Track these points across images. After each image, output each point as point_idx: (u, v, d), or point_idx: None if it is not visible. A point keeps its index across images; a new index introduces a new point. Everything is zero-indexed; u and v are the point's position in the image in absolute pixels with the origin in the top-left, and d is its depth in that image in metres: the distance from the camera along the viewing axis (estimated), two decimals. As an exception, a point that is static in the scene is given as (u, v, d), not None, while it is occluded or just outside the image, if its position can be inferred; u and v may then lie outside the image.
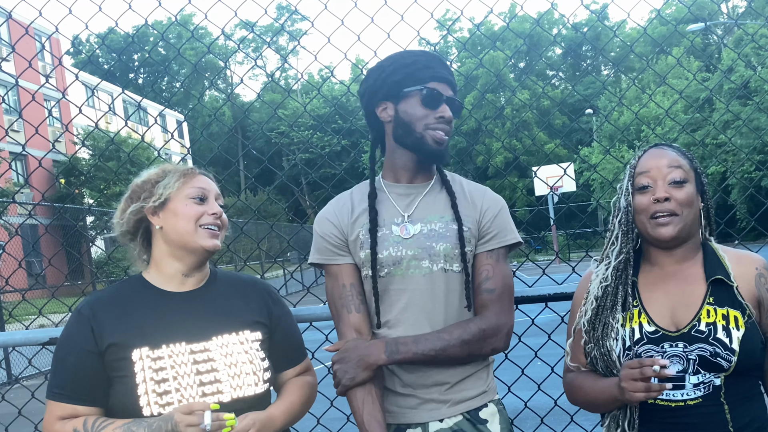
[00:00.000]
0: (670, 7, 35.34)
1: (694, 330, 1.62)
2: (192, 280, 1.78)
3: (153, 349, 1.65)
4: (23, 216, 5.03)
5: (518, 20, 40.66)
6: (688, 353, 1.61)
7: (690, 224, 1.69)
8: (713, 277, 1.67)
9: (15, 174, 19.94)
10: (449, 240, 1.80)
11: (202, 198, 1.75)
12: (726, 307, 1.63)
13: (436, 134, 1.81)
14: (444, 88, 1.84)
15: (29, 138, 2.97)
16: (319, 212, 1.95)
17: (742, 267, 1.70)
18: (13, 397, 3.29)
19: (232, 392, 1.67)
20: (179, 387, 1.62)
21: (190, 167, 1.81)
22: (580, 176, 29.85)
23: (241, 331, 1.75)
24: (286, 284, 4.42)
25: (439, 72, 1.84)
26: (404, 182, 1.88)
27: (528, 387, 2.87)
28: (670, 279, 1.71)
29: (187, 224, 1.71)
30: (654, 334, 1.65)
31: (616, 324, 1.68)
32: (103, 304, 1.72)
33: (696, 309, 1.64)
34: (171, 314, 1.71)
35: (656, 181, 1.69)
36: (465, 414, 1.81)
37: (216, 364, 1.67)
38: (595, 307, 1.73)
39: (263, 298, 1.86)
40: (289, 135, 43.39)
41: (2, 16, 18.28)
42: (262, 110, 48.38)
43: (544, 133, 39.51)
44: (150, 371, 1.63)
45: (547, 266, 3.03)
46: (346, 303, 1.84)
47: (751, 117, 22.83)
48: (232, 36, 48.12)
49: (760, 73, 21.98)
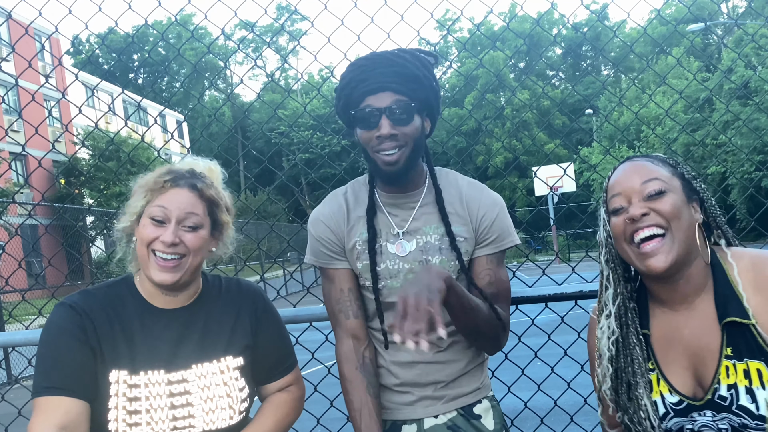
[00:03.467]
0: (670, 7, 35.35)
1: (716, 396, 1.38)
2: (178, 298, 1.66)
3: (131, 375, 1.56)
4: (23, 216, 5.03)
5: (518, 20, 40.66)
6: (718, 422, 1.39)
7: (685, 243, 1.39)
8: (725, 319, 1.38)
9: (15, 174, 19.94)
10: (445, 253, 1.78)
11: (161, 220, 1.57)
12: (745, 359, 1.36)
13: (381, 157, 1.70)
14: (380, 99, 1.68)
15: (29, 138, 2.97)
16: (314, 211, 1.89)
17: (760, 294, 1.37)
18: (13, 397, 3.29)
19: (204, 425, 1.60)
20: (150, 420, 1.56)
21: (166, 178, 1.61)
22: (580, 176, 29.86)
23: (222, 358, 1.66)
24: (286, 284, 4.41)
25: (374, 82, 1.68)
26: (396, 192, 1.82)
27: (528, 387, 2.86)
28: (682, 327, 1.45)
29: (141, 247, 1.58)
30: (678, 405, 1.43)
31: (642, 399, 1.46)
32: (96, 303, 1.61)
33: (714, 368, 1.39)
34: (154, 336, 1.61)
35: (630, 199, 1.43)
36: (459, 410, 1.83)
37: (191, 398, 1.59)
38: (613, 372, 1.51)
39: (252, 312, 1.75)
40: (289, 135, 43.39)
41: (2, 16, 18.27)
42: (262, 110, 48.37)
43: (544, 133, 39.51)
44: (123, 399, 1.55)
45: (547, 266, 3.02)
46: (343, 308, 1.82)
47: (751, 117, 22.82)
48: (232, 36, 48.14)
49: (760, 73, 21.97)
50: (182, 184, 1.61)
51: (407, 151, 1.72)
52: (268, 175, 37.14)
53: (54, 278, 14.16)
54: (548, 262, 3.99)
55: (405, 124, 1.70)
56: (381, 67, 1.69)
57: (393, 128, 1.68)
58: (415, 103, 1.71)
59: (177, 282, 1.59)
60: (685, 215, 1.42)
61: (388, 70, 1.68)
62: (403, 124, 1.70)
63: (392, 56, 1.71)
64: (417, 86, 1.70)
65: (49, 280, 14.16)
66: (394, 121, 1.69)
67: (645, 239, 1.41)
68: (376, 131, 1.69)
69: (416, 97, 1.71)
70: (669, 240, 1.39)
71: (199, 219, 1.61)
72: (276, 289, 3.31)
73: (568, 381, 2.75)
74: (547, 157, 31.21)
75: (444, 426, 1.82)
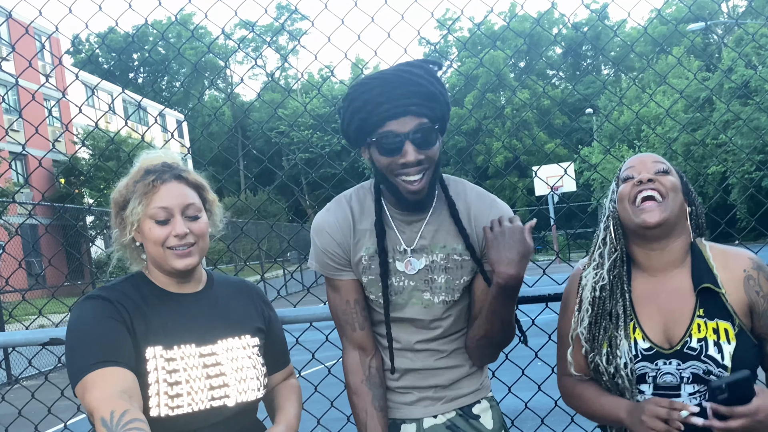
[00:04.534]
0: (671, 7, 35.33)
1: (686, 347, 1.60)
2: (189, 284, 1.74)
3: (166, 349, 1.60)
4: (23, 216, 5.03)
5: (518, 20, 40.65)
6: (681, 371, 1.60)
7: (676, 213, 1.65)
8: (700, 286, 1.63)
9: (15, 174, 19.94)
10: (450, 272, 1.77)
11: (165, 220, 1.63)
12: (716, 319, 1.61)
13: (405, 186, 1.65)
14: (403, 123, 1.61)
15: (29, 138, 2.97)
16: (318, 218, 1.84)
17: (729, 271, 1.65)
18: (13, 397, 3.29)
19: (237, 396, 1.65)
20: (191, 390, 1.59)
21: (151, 178, 1.64)
22: (581, 176, 29.87)
23: (243, 336, 1.73)
24: (286, 284, 4.43)
25: (394, 105, 1.61)
26: (406, 209, 1.77)
27: (528, 387, 2.86)
28: (660, 290, 1.68)
29: (155, 248, 1.65)
30: (648, 351, 1.63)
31: (621, 338, 1.66)
32: (115, 295, 1.64)
33: (686, 324, 1.62)
34: (180, 315, 1.68)
35: (641, 171, 1.69)
36: (458, 410, 1.84)
37: (224, 368, 1.65)
38: (593, 314, 1.70)
39: (258, 302, 1.84)
40: (289, 135, 43.41)
41: (2, 15, 18.25)
42: (262, 110, 48.39)
43: (545, 132, 39.53)
44: (163, 372, 1.58)
45: (548, 266, 3.02)
46: (350, 320, 1.82)
47: (751, 117, 22.82)
48: (232, 35, 48.16)
49: (760, 72, 21.96)
50: (169, 178, 1.66)
51: (430, 174, 1.68)
52: (268, 174, 37.14)
53: (54, 278, 14.17)
54: (548, 262, 3.99)
55: (429, 147, 1.65)
56: (398, 88, 1.62)
57: (418, 153, 1.63)
58: (437, 125, 1.66)
59: (196, 265, 1.69)
60: (680, 197, 1.68)
61: (406, 91, 1.62)
62: (427, 148, 1.65)
63: (408, 75, 1.64)
64: (436, 105, 1.65)
65: (49, 280, 14.17)
66: (418, 146, 1.63)
67: (644, 199, 1.65)
68: (401, 158, 1.63)
69: (436, 117, 1.66)
70: (664, 204, 1.64)
71: (197, 205, 1.68)
72: (276, 289, 3.31)
73: (569, 381, 2.74)
74: (547, 156, 31.22)
75: (443, 426, 1.83)
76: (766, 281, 1.64)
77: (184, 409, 1.57)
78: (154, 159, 1.72)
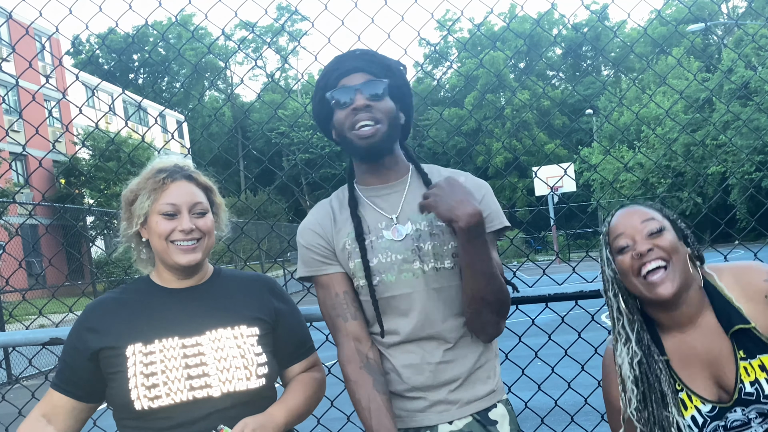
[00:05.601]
0: (671, 8, 35.36)
1: (743, 394, 1.60)
2: (191, 280, 1.78)
3: (146, 345, 1.67)
4: (23, 216, 5.03)
5: (518, 20, 40.68)
6: (747, 414, 1.60)
7: (684, 271, 1.61)
8: (731, 329, 1.61)
9: (15, 174, 19.95)
10: (436, 238, 1.76)
11: (172, 214, 1.70)
12: (758, 356, 1.59)
13: (358, 132, 1.74)
14: (354, 78, 1.76)
15: (29, 138, 2.97)
16: (301, 223, 1.90)
17: (750, 300, 1.62)
18: (13, 397, 3.29)
19: (221, 386, 1.65)
20: (167, 380, 1.63)
21: (162, 176, 1.73)
22: (581, 176, 29.87)
23: (236, 326, 1.73)
24: (286, 284, 4.43)
25: (347, 66, 1.77)
26: (378, 184, 1.84)
27: (528, 387, 2.86)
28: (694, 343, 1.65)
29: (159, 241, 1.70)
30: (713, 411, 1.62)
31: (673, 417, 1.63)
32: (101, 309, 1.75)
33: (734, 370, 1.61)
34: (166, 310, 1.73)
35: (634, 237, 1.63)
36: (475, 415, 1.78)
37: (205, 358, 1.67)
38: (638, 393, 1.66)
39: (265, 293, 1.84)
40: (289, 135, 43.40)
41: (2, 16, 18.27)
42: (262, 110, 48.38)
43: (544, 133, 39.54)
44: (140, 365, 1.64)
45: (548, 266, 3.02)
46: (341, 312, 1.79)
47: (751, 117, 22.83)
48: (232, 36, 48.15)
49: (760, 73, 21.97)
50: (179, 177, 1.73)
51: (383, 128, 1.75)
52: (269, 175, 37.16)
53: (54, 278, 14.18)
54: (548, 262, 3.99)
55: (378, 99, 1.76)
56: (352, 57, 1.80)
57: (367, 101, 1.74)
58: (386, 80, 1.78)
59: (199, 262, 1.73)
60: (681, 249, 1.63)
61: (360, 56, 1.79)
62: (376, 100, 1.75)
63: (363, 50, 1.83)
64: (388, 71, 1.79)
65: (49, 280, 14.17)
66: (368, 97, 1.75)
67: (651, 271, 1.60)
68: (352, 106, 1.74)
69: (387, 77, 1.78)
70: (672, 270, 1.60)
71: (204, 204, 1.75)
72: (280, 285, 3.31)
73: (569, 381, 2.74)
74: (547, 157, 31.23)
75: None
76: None
77: (163, 399, 1.61)
78: (167, 161, 1.78)
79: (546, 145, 37.31)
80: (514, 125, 39.61)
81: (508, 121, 41.44)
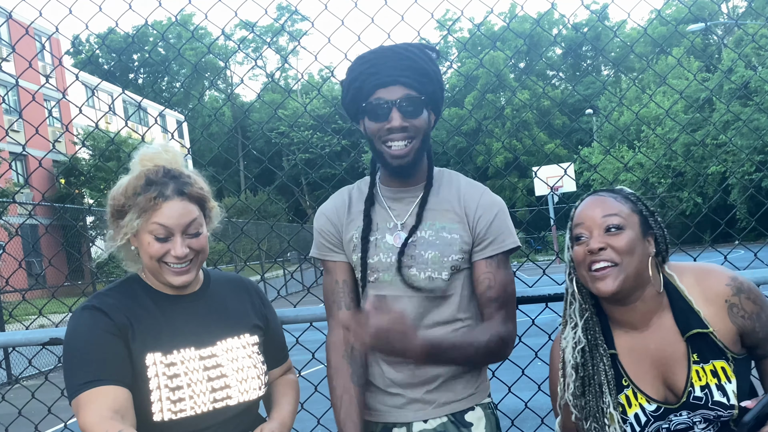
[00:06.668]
0: (671, 7, 35.36)
1: (692, 398, 1.58)
2: (186, 287, 1.72)
3: (165, 354, 1.61)
4: (23, 216, 5.03)
5: (518, 20, 40.67)
6: (692, 417, 1.59)
7: (635, 274, 1.58)
8: (687, 332, 1.59)
9: (15, 174, 19.94)
10: (438, 248, 1.77)
11: (164, 237, 1.60)
12: (711, 360, 1.58)
13: (389, 150, 1.73)
14: (392, 92, 1.71)
15: (29, 138, 2.97)
16: (320, 206, 1.95)
17: (711, 304, 1.60)
18: (13, 397, 3.29)
19: (239, 397, 1.67)
20: (193, 394, 1.60)
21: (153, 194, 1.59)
22: (581, 176, 29.85)
23: (242, 335, 1.74)
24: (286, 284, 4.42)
25: (385, 75, 1.71)
26: (396, 186, 1.84)
27: (528, 387, 2.86)
28: (647, 343, 1.63)
29: (150, 261, 1.62)
30: (657, 411, 1.61)
31: (607, 408, 1.63)
32: (111, 303, 1.63)
33: (685, 373, 1.59)
34: (177, 318, 1.67)
35: (591, 230, 1.61)
36: (450, 416, 1.80)
37: (224, 370, 1.66)
38: (577, 379, 1.66)
39: (256, 299, 1.85)
40: (289, 135, 43.40)
41: (2, 16, 18.27)
42: (262, 110, 48.36)
43: (545, 133, 39.51)
44: (164, 377, 1.58)
45: (548, 266, 3.02)
46: (336, 299, 1.86)
47: (751, 117, 22.82)
48: (232, 36, 48.15)
49: (760, 73, 21.97)
50: (171, 195, 1.60)
51: (416, 144, 1.75)
52: (268, 175, 37.15)
53: (54, 278, 14.17)
54: (548, 262, 3.99)
55: (415, 116, 1.73)
56: (391, 61, 1.72)
57: (404, 120, 1.71)
58: (424, 97, 1.74)
59: (194, 279, 1.68)
60: (639, 250, 1.59)
61: (398, 64, 1.71)
62: (413, 117, 1.72)
63: (402, 50, 1.74)
64: (426, 80, 1.73)
65: (49, 280, 14.17)
66: (405, 114, 1.71)
67: (599, 268, 1.59)
68: (387, 123, 1.72)
69: (425, 91, 1.74)
70: (618, 270, 1.57)
71: (198, 221, 1.65)
72: (276, 289, 3.31)
73: (569, 381, 2.74)
74: (547, 157, 31.22)
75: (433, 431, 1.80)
76: (748, 301, 1.60)
77: (187, 412, 1.59)
78: (154, 157, 1.67)
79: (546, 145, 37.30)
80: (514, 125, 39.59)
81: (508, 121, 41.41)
